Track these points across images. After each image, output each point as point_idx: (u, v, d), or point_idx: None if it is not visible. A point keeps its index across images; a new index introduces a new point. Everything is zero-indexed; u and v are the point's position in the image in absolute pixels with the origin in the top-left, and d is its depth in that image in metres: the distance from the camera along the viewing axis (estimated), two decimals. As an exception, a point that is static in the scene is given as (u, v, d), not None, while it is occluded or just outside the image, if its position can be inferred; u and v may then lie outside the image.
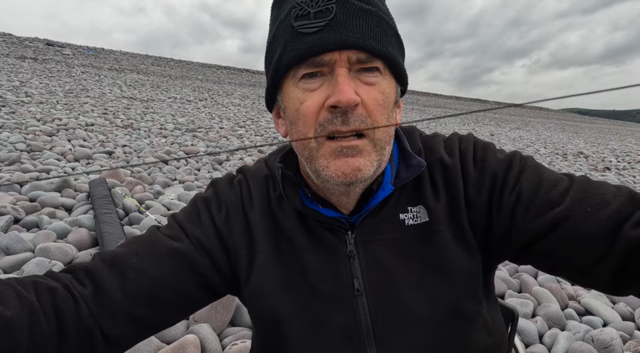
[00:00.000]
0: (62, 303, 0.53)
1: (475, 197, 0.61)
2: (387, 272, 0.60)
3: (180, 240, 0.62)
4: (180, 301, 0.62)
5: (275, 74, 0.57)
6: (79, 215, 2.49)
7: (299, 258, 0.63)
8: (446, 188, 0.63)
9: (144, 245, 0.62)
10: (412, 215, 0.62)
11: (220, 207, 0.66)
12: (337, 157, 0.55)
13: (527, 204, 0.57)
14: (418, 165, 0.61)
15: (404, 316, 0.59)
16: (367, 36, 0.52)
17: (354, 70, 0.54)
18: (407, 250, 0.61)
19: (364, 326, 0.60)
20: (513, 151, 0.65)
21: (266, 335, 0.66)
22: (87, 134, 5.25)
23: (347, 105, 0.52)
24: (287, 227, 0.64)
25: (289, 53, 0.54)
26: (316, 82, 0.55)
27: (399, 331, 0.60)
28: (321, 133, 0.54)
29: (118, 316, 0.56)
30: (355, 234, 0.62)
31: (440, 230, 0.61)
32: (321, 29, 0.52)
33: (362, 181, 0.56)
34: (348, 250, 0.61)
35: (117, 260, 0.59)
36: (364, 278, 0.60)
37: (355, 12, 0.52)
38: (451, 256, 0.61)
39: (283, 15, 0.55)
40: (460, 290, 0.61)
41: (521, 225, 0.57)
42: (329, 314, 0.61)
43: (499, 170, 0.61)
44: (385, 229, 0.62)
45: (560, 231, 0.54)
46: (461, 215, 0.62)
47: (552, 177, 0.59)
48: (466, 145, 0.65)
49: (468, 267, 0.61)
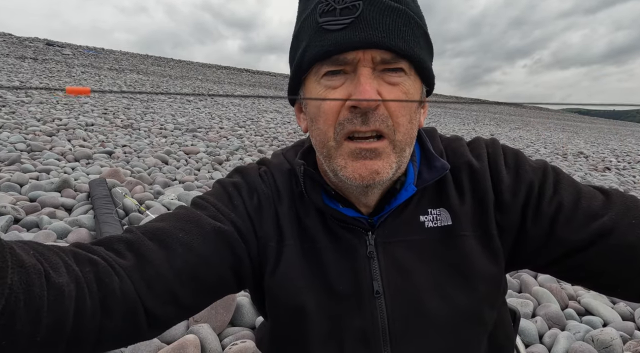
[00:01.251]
0: (104, 275, 0.48)
1: (509, 201, 0.60)
2: (407, 274, 0.60)
3: (222, 221, 0.59)
4: (216, 283, 0.59)
5: (298, 69, 0.57)
6: (79, 215, 2.49)
7: (320, 256, 0.62)
8: (473, 192, 0.62)
9: (187, 221, 0.58)
10: (432, 217, 0.61)
11: (252, 195, 0.64)
12: (356, 158, 0.54)
13: (569, 215, 0.57)
14: (442, 168, 0.60)
15: (421, 319, 0.59)
16: (393, 35, 0.51)
17: (378, 69, 0.53)
18: (427, 253, 0.60)
19: (380, 328, 0.59)
20: (542, 160, 0.65)
21: (285, 329, 0.65)
22: (87, 134, 5.25)
23: (367, 105, 0.51)
24: (309, 225, 0.63)
25: (312, 49, 0.53)
26: (338, 80, 0.53)
27: (415, 334, 0.59)
28: (341, 132, 0.53)
29: (161, 292, 0.52)
30: (376, 235, 0.61)
31: (464, 235, 0.60)
32: (346, 27, 0.50)
33: (380, 184, 0.55)
34: (368, 251, 0.60)
35: (161, 234, 0.55)
36: (384, 280, 0.59)
37: (382, 10, 0.51)
38: (474, 262, 0.60)
39: (309, 10, 0.54)
40: (482, 297, 0.60)
41: (561, 236, 0.57)
42: (346, 315, 0.60)
43: (535, 178, 0.60)
44: (405, 231, 0.61)
45: (606, 243, 0.54)
46: (489, 220, 0.60)
47: (588, 188, 0.60)
48: (495, 150, 0.64)
49: (491, 273, 0.61)
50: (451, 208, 0.61)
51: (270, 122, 9.18)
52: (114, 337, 0.49)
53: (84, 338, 0.46)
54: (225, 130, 7.33)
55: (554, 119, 36.21)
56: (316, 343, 0.61)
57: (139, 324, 0.51)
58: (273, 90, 21.69)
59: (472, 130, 14.31)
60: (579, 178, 6.35)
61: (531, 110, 49.32)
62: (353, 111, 0.52)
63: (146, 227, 0.56)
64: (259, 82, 26.11)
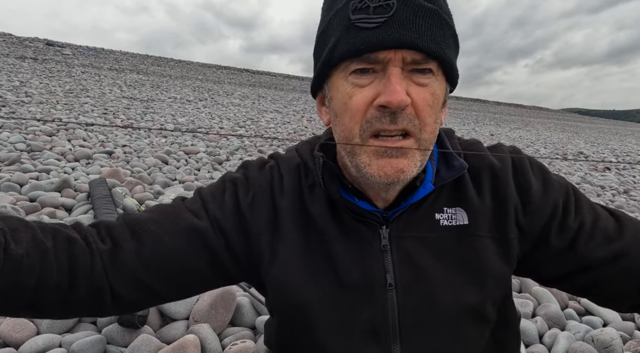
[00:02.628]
0: (79, 253, 0.54)
1: (538, 207, 0.62)
2: (419, 268, 0.61)
3: (200, 217, 0.62)
4: (191, 277, 0.62)
5: (326, 64, 0.57)
6: (79, 215, 2.49)
7: (328, 248, 0.62)
8: (493, 194, 0.63)
9: (165, 215, 0.63)
10: (448, 215, 0.62)
11: (248, 191, 0.66)
12: (381, 156, 0.54)
13: (589, 233, 0.60)
14: (460, 167, 0.61)
15: (431, 314, 0.60)
16: (425, 37, 0.51)
17: (407, 70, 0.53)
18: (441, 250, 0.61)
19: (390, 321, 0.60)
20: (562, 177, 0.67)
21: (290, 324, 0.66)
22: (87, 134, 5.25)
23: (397, 106, 0.51)
24: (318, 217, 0.63)
25: (343, 46, 0.53)
26: (367, 78, 0.54)
27: (424, 328, 0.60)
28: (367, 129, 0.54)
29: (129, 278, 0.57)
30: (390, 229, 0.62)
31: (480, 236, 0.61)
32: (380, 25, 0.50)
33: (404, 182, 0.57)
34: (382, 245, 0.61)
35: (138, 225, 0.60)
36: (396, 273, 0.60)
37: (416, 10, 0.51)
38: (487, 263, 0.61)
39: (340, 5, 0.54)
40: (488, 295, 0.61)
41: (582, 252, 0.60)
42: (356, 307, 0.61)
43: (561, 193, 0.63)
44: (420, 227, 0.62)
45: (619, 264, 0.59)
46: (508, 222, 0.62)
47: (602, 210, 0.64)
48: (519, 158, 0.66)
49: (502, 274, 0.62)
50: (468, 208, 0.62)
51: (270, 122, 9.18)
52: (79, 306, 0.56)
53: (47, 306, 0.52)
54: (226, 130, 7.33)
55: (554, 119, 36.22)
56: (324, 336, 0.61)
57: (103, 300, 0.56)
58: (273, 90, 21.69)
59: (472, 130, 14.30)
60: (579, 178, 6.35)
61: (531, 110, 49.33)
62: (382, 110, 0.52)
63: (132, 216, 0.62)
64: (259, 82, 26.12)
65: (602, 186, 5.86)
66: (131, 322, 1.48)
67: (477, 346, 0.63)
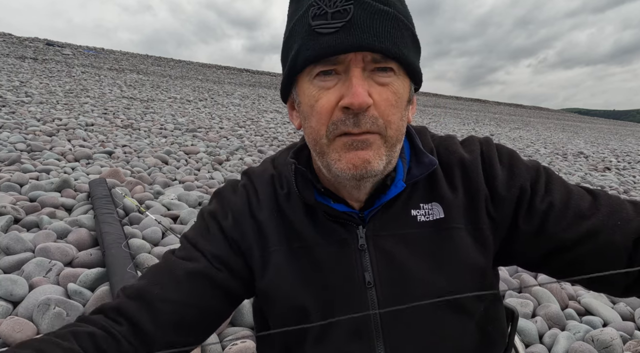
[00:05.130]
0: (104, 344, 0.54)
1: (503, 196, 0.62)
2: (397, 266, 0.61)
3: (196, 260, 0.63)
4: (208, 317, 0.64)
5: (292, 70, 0.58)
6: (79, 215, 2.49)
7: (310, 254, 0.63)
8: (465, 186, 0.64)
9: (161, 273, 0.63)
10: (425, 211, 0.63)
11: (227, 215, 0.67)
12: (348, 150, 0.55)
13: (559, 213, 0.60)
14: (430, 163, 0.63)
15: (410, 310, 0.60)
16: (383, 38, 0.52)
17: (369, 69, 0.54)
18: (418, 246, 0.62)
19: (372, 319, 0.61)
20: (535, 161, 0.67)
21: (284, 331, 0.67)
22: (87, 134, 5.25)
23: (359, 108, 0.52)
24: (297, 224, 0.65)
25: (305, 52, 0.55)
26: (331, 81, 0.55)
27: (406, 323, 0.61)
28: (333, 132, 0.55)
29: (159, 346, 0.58)
30: (367, 228, 0.63)
31: (456, 228, 0.62)
32: (338, 30, 0.52)
33: (372, 175, 0.57)
34: (359, 244, 0.62)
35: (141, 294, 0.60)
36: (374, 272, 0.61)
37: (372, 14, 0.52)
38: (464, 254, 0.62)
39: (301, 12, 0.56)
40: (466, 288, 0.61)
41: (552, 233, 0.59)
42: (339, 308, 0.62)
43: (528, 176, 0.63)
44: (396, 225, 0.63)
45: (594, 242, 0.58)
46: (480, 214, 0.63)
47: (577, 189, 0.63)
48: (488, 147, 0.67)
49: (479, 265, 0.63)
50: (443, 202, 0.63)
51: (270, 122, 9.18)
52: None
53: None
54: (225, 130, 7.33)
55: (554, 119, 36.22)
56: (313, 341, 0.63)
57: None
58: (273, 90, 21.68)
59: (472, 130, 14.31)
60: (579, 179, 6.35)
61: (531, 110, 49.34)
62: (345, 112, 0.54)
63: (131, 288, 0.62)
64: (258, 82, 26.12)
65: (602, 186, 5.86)
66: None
67: (462, 340, 0.63)
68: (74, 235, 2.20)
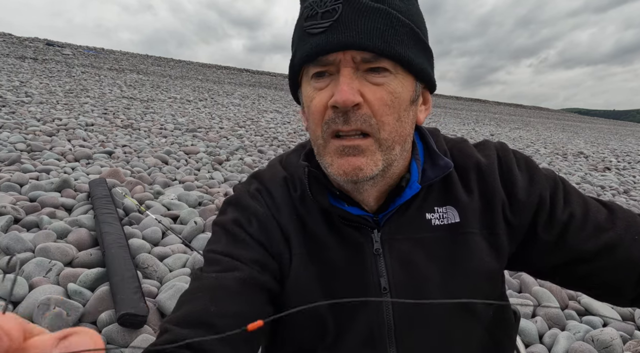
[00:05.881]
0: None
1: (523, 202, 0.61)
2: (412, 270, 0.60)
3: (238, 269, 0.59)
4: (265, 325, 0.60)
5: (293, 71, 0.60)
6: (79, 215, 2.49)
7: (326, 258, 0.62)
8: (481, 190, 0.63)
9: (207, 291, 0.57)
10: (439, 215, 0.62)
11: (250, 221, 0.64)
12: (340, 155, 0.55)
13: (579, 225, 0.60)
14: (445, 166, 0.62)
15: (424, 314, 0.60)
16: (372, 36, 0.51)
17: (362, 69, 0.54)
18: (433, 250, 0.61)
19: (386, 325, 0.60)
20: (550, 169, 0.67)
21: (300, 336, 0.65)
22: (87, 134, 5.25)
23: (344, 105, 0.52)
24: (314, 227, 0.63)
25: (299, 53, 0.56)
26: (324, 81, 0.55)
27: (419, 329, 0.60)
28: (326, 131, 0.55)
29: None
30: (381, 232, 0.61)
31: (472, 233, 0.61)
32: (326, 30, 0.52)
33: (365, 180, 0.56)
34: (374, 249, 0.61)
35: (197, 317, 0.54)
36: (389, 277, 0.60)
37: (361, 12, 0.51)
38: (478, 259, 0.61)
39: (300, 15, 0.57)
40: (479, 292, 0.61)
41: (572, 244, 0.60)
42: (355, 314, 0.61)
43: (547, 184, 0.63)
44: (411, 228, 0.62)
45: (612, 256, 0.58)
46: (497, 218, 0.62)
47: (593, 201, 0.64)
48: (505, 152, 0.66)
49: (493, 270, 0.62)
50: (459, 206, 0.62)
51: (270, 122, 9.18)
52: None
53: None
54: (225, 130, 7.33)
55: (554, 119, 36.21)
56: (324, 345, 0.62)
57: None
58: (273, 90, 21.69)
59: (472, 130, 14.31)
60: (579, 179, 6.35)
61: (531, 110, 49.33)
62: (335, 110, 0.54)
63: (181, 316, 0.55)
64: (259, 82, 26.12)
65: (602, 186, 5.86)
66: (131, 322, 1.48)
67: (471, 344, 0.63)
68: (74, 235, 2.20)
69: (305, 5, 0.55)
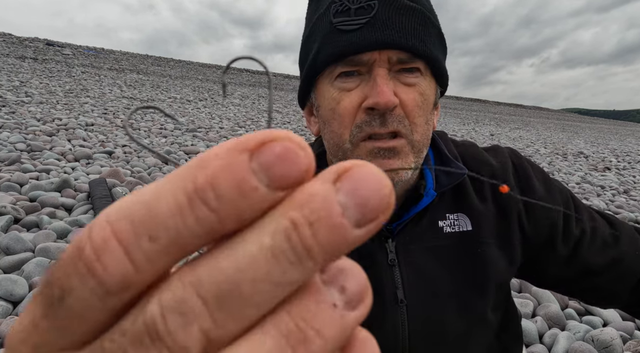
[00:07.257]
0: None
1: (542, 212, 0.61)
2: (428, 281, 0.59)
3: None
4: None
5: (311, 70, 0.55)
6: (79, 215, 2.49)
7: None
8: (496, 197, 0.62)
9: None
10: (450, 222, 0.61)
11: None
12: (374, 158, 0.53)
13: (590, 240, 0.61)
14: (459, 172, 0.60)
15: (439, 326, 0.59)
16: (409, 35, 0.50)
17: (394, 70, 0.52)
18: (446, 258, 0.60)
19: (401, 336, 0.58)
20: (555, 179, 0.67)
21: None
22: (87, 134, 5.25)
23: (385, 107, 0.50)
24: None
25: (326, 50, 0.52)
26: (353, 82, 0.52)
27: (433, 341, 0.59)
28: (357, 134, 0.53)
29: None
30: (396, 242, 0.59)
31: (486, 243, 0.60)
32: (362, 27, 0.49)
33: (398, 184, 0.55)
34: (389, 259, 0.59)
35: None
36: (405, 289, 0.58)
37: (398, 10, 0.50)
38: (492, 270, 0.60)
39: (322, 10, 0.53)
40: (490, 301, 0.61)
41: (583, 258, 0.61)
42: (370, 325, 0.60)
43: (562, 197, 0.63)
44: (425, 237, 0.60)
45: (618, 269, 0.60)
46: (512, 226, 0.60)
47: (597, 215, 0.65)
48: (519, 160, 0.65)
49: (504, 280, 0.62)
50: (472, 213, 0.61)
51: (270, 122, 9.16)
52: None
53: None
54: (225, 130, 7.33)
55: (554, 119, 36.20)
56: None
57: None
58: (273, 91, 21.63)
59: (472, 130, 14.30)
60: (579, 178, 6.35)
61: (531, 110, 49.32)
62: (370, 113, 0.51)
63: None
64: (259, 82, 26.10)
65: (602, 186, 5.86)
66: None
67: (483, 351, 0.63)
68: (74, 235, 2.20)
69: (330, 0, 0.52)
